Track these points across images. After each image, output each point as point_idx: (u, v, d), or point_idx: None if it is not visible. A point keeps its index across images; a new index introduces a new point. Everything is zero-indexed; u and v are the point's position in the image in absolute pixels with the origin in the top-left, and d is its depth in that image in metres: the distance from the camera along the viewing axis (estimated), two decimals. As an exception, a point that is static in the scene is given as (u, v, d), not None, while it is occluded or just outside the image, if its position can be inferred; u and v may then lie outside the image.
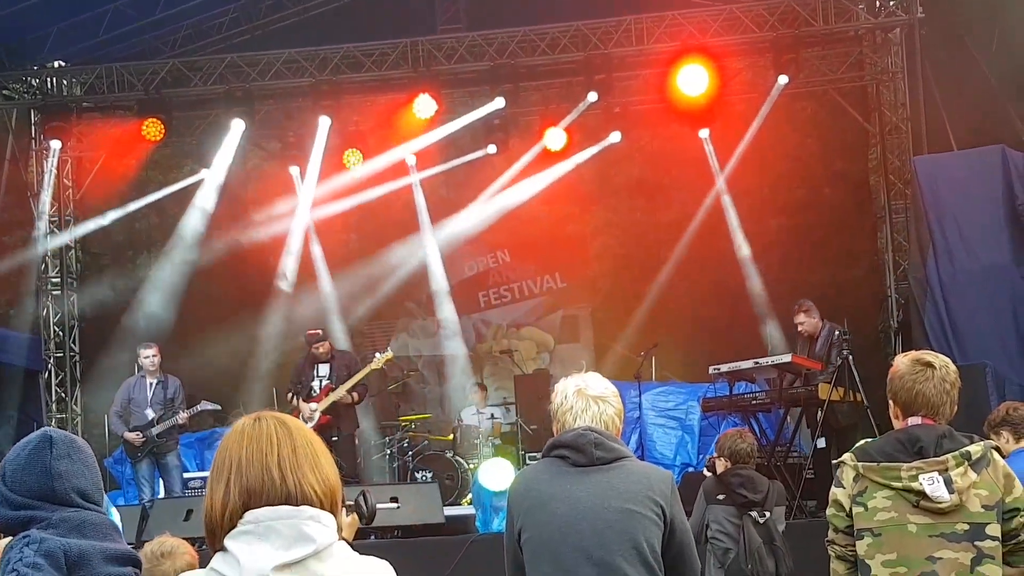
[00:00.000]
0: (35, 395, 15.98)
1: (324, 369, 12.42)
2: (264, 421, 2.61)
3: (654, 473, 4.25)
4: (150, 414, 12.33)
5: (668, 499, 4.11)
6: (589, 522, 4.03)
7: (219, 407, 13.37)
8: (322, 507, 2.53)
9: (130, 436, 12.25)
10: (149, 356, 12.45)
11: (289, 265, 16.45)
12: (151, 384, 12.49)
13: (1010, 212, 11.66)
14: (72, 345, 16.90)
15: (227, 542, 2.48)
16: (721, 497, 7.50)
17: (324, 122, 15.55)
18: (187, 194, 16.64)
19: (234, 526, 2.49)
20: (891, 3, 14.83)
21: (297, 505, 2.50)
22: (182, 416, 12.24)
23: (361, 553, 2.63)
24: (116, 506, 11.13)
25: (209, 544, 2.56)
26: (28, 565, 2.97)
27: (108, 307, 16.66)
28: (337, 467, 2.66)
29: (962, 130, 13.79)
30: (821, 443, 10.67)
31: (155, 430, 12.21)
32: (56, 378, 16.73)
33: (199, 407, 12.57)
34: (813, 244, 15.89)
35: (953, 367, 4.31)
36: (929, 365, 4.24)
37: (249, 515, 2.48)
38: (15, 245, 16.18)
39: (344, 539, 2.71)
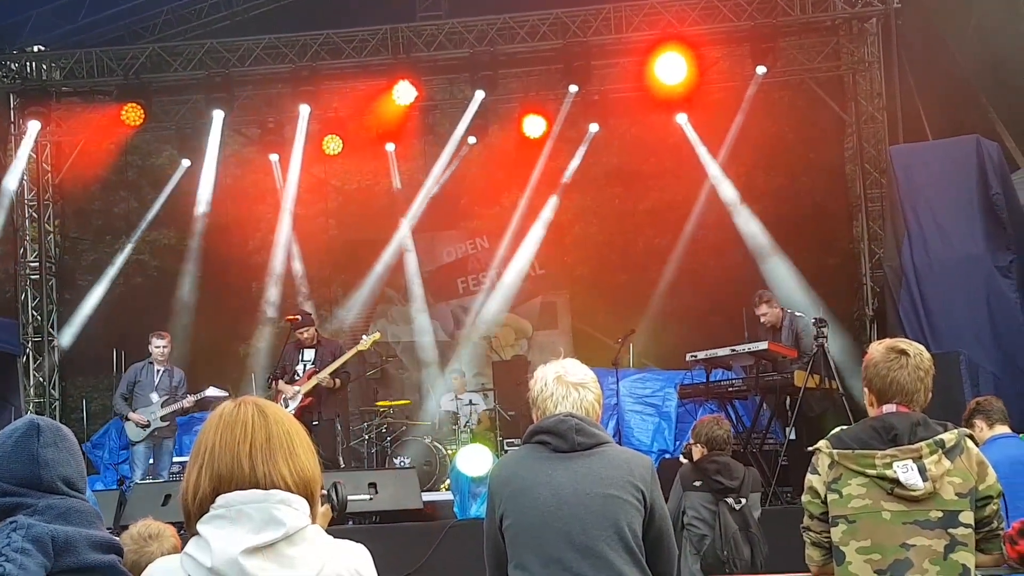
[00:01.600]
0: (12, 379, 15.95)
1: (309, 354, 12.45)
2: (243, 407, 2.61)
3: (634, 459, 4.28)
4: (155, 398, 12.46)
5: (648, 484, 4.15)
6: (571, 508, 4.06)
7: (227, 392, 13.44)
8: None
9: (135, 417, 12.39)
10: (160, 346, 12.60)
11: (269, 253, 16.42)
12: (158, 371, 12.63)
13: (984, 202, 11.75)
14: (51, 330, 16.87)
15: (199, 526, 2.50)
16: (698, 484, 7.52)
17: (304, 110, 15.56)
18: (166, 179, 16.63)
19: (205, 511, 2.50)
20: (868, -7, 14.92)
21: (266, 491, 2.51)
22: (188, 400, 12.38)
23: (338, 538, 2.63)
24: (94, 490, 11.19)
25: (186, 528, 2.57)
26: (16, 550, 2.96)
27: (87, 291, 16.63)
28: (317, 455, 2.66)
29: (937, 120, 13.91)
30: (791, 434, 10.75)
31: (160, 413, 12.34)
32: (34, 362, 16.69)
33: (205, 392, 12.67)
34: (789, 232, 15.97)
35: (927, 355, 4.35)
36: (903, 353, 4.28)
37: (220, 499, 2.49)
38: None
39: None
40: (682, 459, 8.39)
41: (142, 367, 12.74)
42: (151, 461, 12.47)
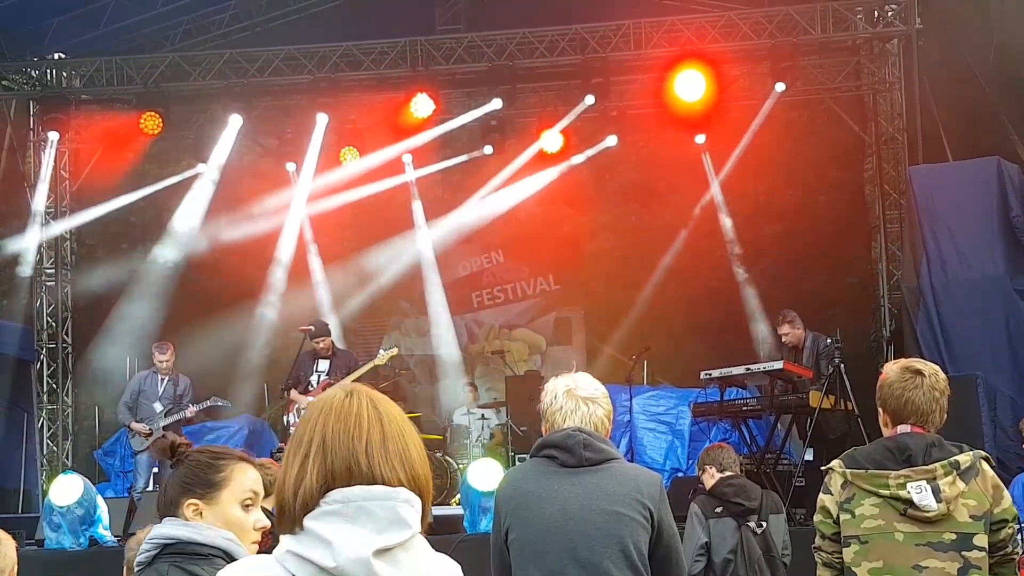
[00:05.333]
0: (26, 385, 16.00)
1: (324, 365, 12.45)
2: (356, 397, 2.37)
3: (642, 475, 4.25)
4: (158, 407, 12.51)
5: (656, 502, 4.12)
6: (576, 523, 4.03)
7: (228, 403, 13.49)
8: None
9: (137, 426, 12.43)
10: (163, 360, 12.64)
11: (282, 263, 16.44)
12: (162, 380, 12.69)
13: (1004, 224, 11.69)
14: (65, 336, 16.88)
15: (308, 522, 2.22)
16: (719, 510, 7.36)
17: (322, 119, 15.58)
18: (182, 188, 16.65)
19: (310, 509, 2.23)
20: (889, 14, 14.85)
21: None
22: (190, 410, 12.41)
23: None
24: (104, 498, 11.19)
25: (278, 525, 2.30)
26: None
27: (102, 299, 16.65)
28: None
29: (958, 141, 13.83)
30: (809, 455, 10.67)
31: (162, 422, 12.35)
32: (48, 369, 16.71)
33: (208, 402, 12.69)
34: (807, 252, 15.90)
35: (942, 375, 4.31)
36: (919, 373, 4.24)
37: (336, 494, 2.22)
38: (11, 235, 16.16)
39: None
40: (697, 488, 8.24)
41: (147, 376, 12.77)
42: (155, 470, 12.46)
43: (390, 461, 2.29)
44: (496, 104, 15.43)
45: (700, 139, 15.78)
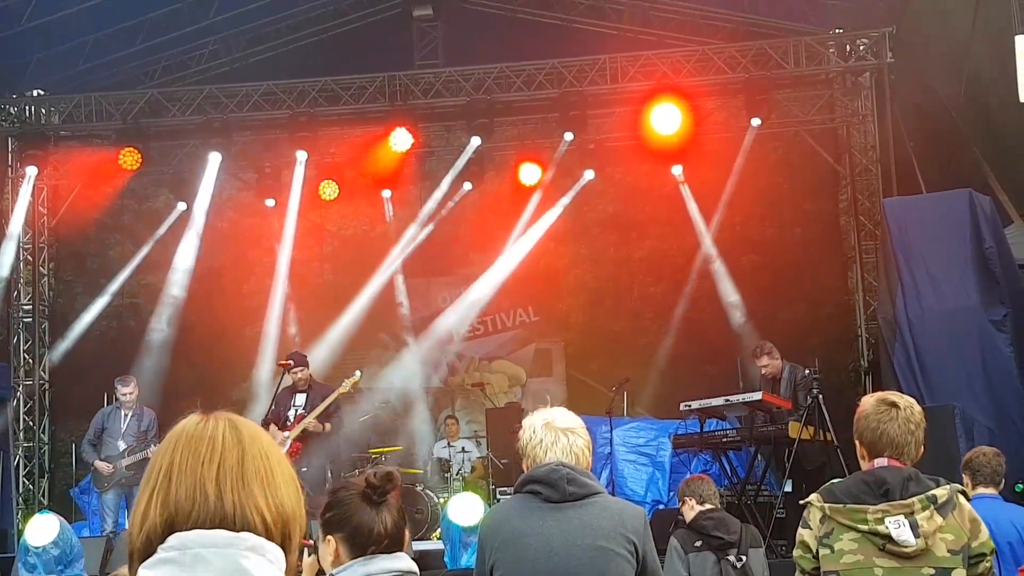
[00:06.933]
0: (1, 423, 15.85)
1: (300, 399, 12.35)
2: (212, 421, 2.05)
3: (627, 510, 4.27)
4: (121, 445, 12.29)
5: (641, 536, 4.14)
6: (562, 559, 4.05)
7: None
8: (269, 537, 1.96)
9: (100, 465, 12.22)
10: (127, 394, 12.46)
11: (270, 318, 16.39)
12: (126, 416, 12.46)
13: (977, 255, 11.77)
14: (42, 373, 16.80)
15: (142, 572, 1.91)
16: (698, 544, 7.36)
17: (301, 156, 15.63)
18: (161, 221, 16.65)
19: (152, 551, 1.92)
20: (861, 48, 15.06)
21: (236, 531, 1.93)
22: (152, 449, 12.19)
23: None
24: (80, 537, 11.10)
25: (129, 572, 2.00)
26: None
27: (79, 335, 16.59)
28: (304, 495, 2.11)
29: (931, 172, 13.98)
30: (788, 487, 10.70)
31: (125, 461, 12.16)
32: (24, 406, 16.60)
33: None
34: (784, 283, 16.00)
35: (918, 408, 4.33)
36: (894, 405, 4.27)
37: (173, 539, 1.91)
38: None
39: None
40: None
41: (110, 412, 12.60)
42: (125, 508, 12.28)
43: (248, 487, 1.97)
44: (475, 143, 15.53)
45: (677, 171, 15.88)
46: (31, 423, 16.64)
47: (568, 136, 15.34)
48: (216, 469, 1.96)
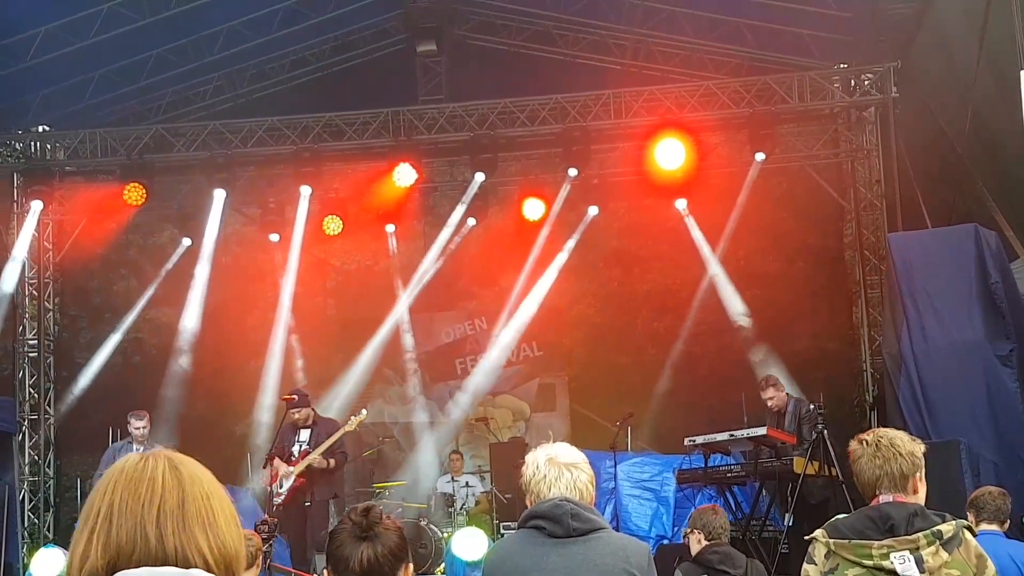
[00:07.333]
0: (8, 457, 15.82)
1: (305, 434, 12.33)
2: (151, 461, 2.04)
3: (631, 545, 4.25)
4: None
5: (645, 571, 4.11)
6: (565, 595, 4.03)
7: None
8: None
9: None
10: (140, 427, 12.49)
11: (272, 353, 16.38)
12: (137, 450, 12.44)
13: (983, 291, 11.75)
14: (47, 408, 16.79)
15: None
16: None
17: (305, 191, 15.66)
18: (166, 256, 16.69)
19: None
20: (866, 82, 15.09)
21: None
22: None
23: None
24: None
25: None
26: None
27: (84, 370, 16.58)
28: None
29: (936, 207, 13.97)
30: (789, 520, 10.64)
31: None
32: (30, 440, 16.59)
33: None
34: (788, 317, 15.97)
35: (906, 437, 4.30)
36: (876, 441, 4.26)
37: None
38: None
39: None
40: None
41: (121, 447, 12.61)
42: None
43: (189, 529, 1.97)
44: (479, 179, 15.57)
45: (681, 205, 15.89)
46: (36, 457, 16.62)
47: (572, 171, 15.37)
48: (156, 511, 1.97)
